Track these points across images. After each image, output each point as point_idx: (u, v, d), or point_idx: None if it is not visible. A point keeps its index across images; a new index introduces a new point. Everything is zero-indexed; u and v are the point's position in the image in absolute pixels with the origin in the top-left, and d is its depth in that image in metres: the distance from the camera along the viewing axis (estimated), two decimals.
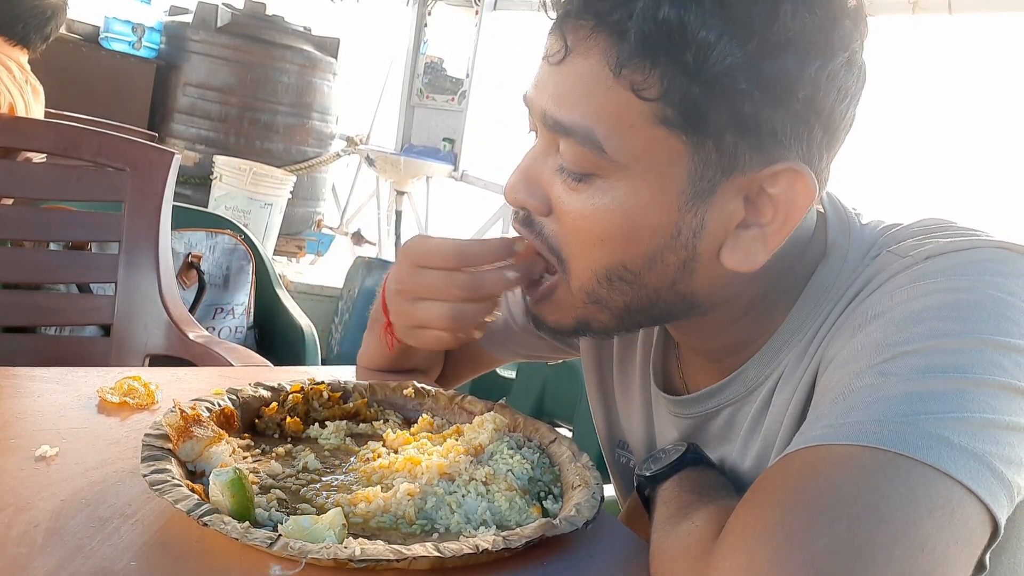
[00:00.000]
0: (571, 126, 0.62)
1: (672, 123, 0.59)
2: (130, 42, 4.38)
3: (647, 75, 0.58)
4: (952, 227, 0.66)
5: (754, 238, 0.63)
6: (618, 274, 0.65)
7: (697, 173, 0.61)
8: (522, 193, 0.68)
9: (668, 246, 0.64)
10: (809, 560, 0.48)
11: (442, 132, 5.12)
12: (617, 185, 0.62)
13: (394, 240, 4.52)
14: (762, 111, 0.58)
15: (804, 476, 0.53)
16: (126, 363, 1.60)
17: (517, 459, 0.74)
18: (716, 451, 0.76)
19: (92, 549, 0.56)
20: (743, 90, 0.57)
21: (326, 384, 0.86)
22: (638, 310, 0.68)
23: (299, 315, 2.18)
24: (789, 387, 0.68)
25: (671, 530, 0.63)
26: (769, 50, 0.57)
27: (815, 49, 0.58)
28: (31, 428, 0.74)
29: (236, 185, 4.07)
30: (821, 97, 0.59)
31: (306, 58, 4.57)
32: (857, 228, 0.71)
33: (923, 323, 0.57)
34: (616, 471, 0.95)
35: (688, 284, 0.66)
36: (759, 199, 0.63)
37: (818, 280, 0.68)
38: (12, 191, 1.64)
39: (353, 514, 0.65)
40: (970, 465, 0.50)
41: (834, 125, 0.62)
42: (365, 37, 5.97)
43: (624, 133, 0.60)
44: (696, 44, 0.56)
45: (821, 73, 0.58)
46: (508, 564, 0.62)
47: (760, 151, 0.60)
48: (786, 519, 0.50)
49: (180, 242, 2.19)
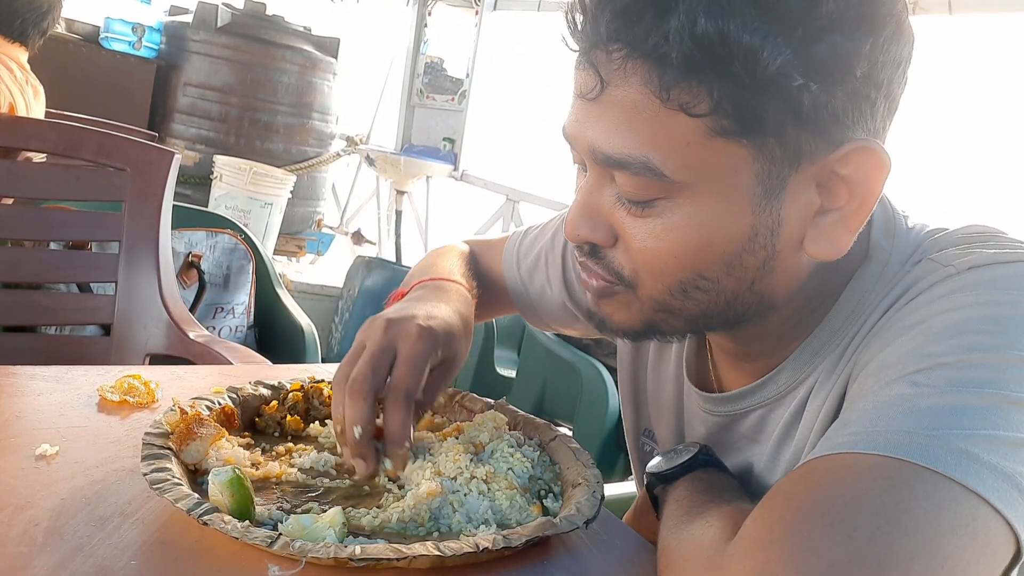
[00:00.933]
0: (624, 159, 0.60)
1: (729, 132, 0.57)
2: (130, 42, 4.38)
3: (695, 93, 0.56)
4: (998, 237, 0.64)
5: (834, 223, 0.61)
6: (694, 284, 0.63)
7: (764, 172, 0.59)
8: (585, 229, 0.65)
9: (746, 249, 0.62)
10: (826, 568, 0.47)
11: (442, 132, 5.12)
12: (685, 203, 0.60)
13: (394, 240, 4.52)
14: (820, 98, 0.56)
15: (826, 483, 0.52)
16: (126, 362, 1.59)
17: (518, 457, 0.74)
18: (744, 452, 0.75)
19: (92, 548, 0.56)
20: (799, 84, 0.55)
21: (326, 382, 0.86)
22: (713, 314, 0.66)
23: (299, 314, 2.18)
24: (823, 393, 0.67)
25: (682, 529, 0.63)
26: (817, 35, 0.55)
27: (864, 24, 0.56)
28: (31, 427, 0.74)
29: (236, 185, 4.07)
30: (879, 71, 0.57)
31: (306, 58, 4.57)
32: (903, 231, 0.68)
33: (960, 336, 0.56)
34: (638, 460, 0.94)
35: (767, 283, 0.64)
36: (832, 183, 0.60)
37: (858, 284, 0.67)
38: (12, 191, 1.64)
39: (361, 521, 0.65)
40: (998, 484, 0.49)
41: (893, 94, 0.60)
42: (365, 37, 5.97)
43: (681, 153, 0.58)
44: (743, 52, 0.54)
45: (876, 47, 0.57)
46: (508, 563, 0.62)
47: (824, 136, 0.58)
48: (805, 525, 0.49)
49: (180, 242, 2.19)
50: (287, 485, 0.70)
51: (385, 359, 0.71)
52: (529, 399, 2.48)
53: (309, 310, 2.29)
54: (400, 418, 0.70)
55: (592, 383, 2.28)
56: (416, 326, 0.73)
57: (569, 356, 2.36)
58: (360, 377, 0.69)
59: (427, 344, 0.72)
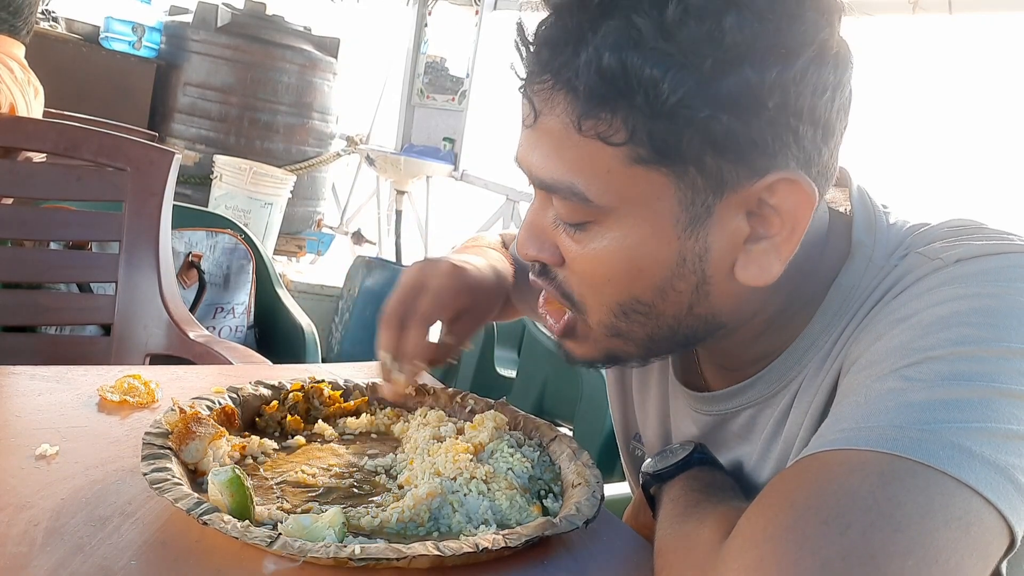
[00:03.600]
0: (553, 184, 0.62)
1: (647, 160, 0.59)
2: (130, 42, 4.37)
3: (610, 123, 0.58)
4: (983, 229, 0.64)
5: (765, 250, 0.62)
6: (632, 307, 0.65)
7: (688, 200, 0.60)
8: (532, 249, 0.68)
9: (676, 274, 0.63)
10: (820, 565, 0.47)
11: (442, 132, 5.11)
12: (612, 227, 0.62)
13: (394, 240, 4.52)
14: (734, 128, 0.57)
15: (819, 480, 0.52)
16: (126, 362, 1.60)
17: (518, 457, 0.74)
18: (735, 451, 0.75)
19: (92, 548, 0.56)
20: (707, 115, 0.56)
21: (326, 382, 0.87)
22: (661, 338, 0.67)
23: (299, 314, 2.18)
24: (811, 389, 0.67)
25: (678, 528, 0.63)
26: (723, 68, 0.55)
27: (773, 54, 0.56)
28: (31, 427, 0.74)
29: (236, 185, 4.06)
30: (794, 100, 0.57)
31: (306, 58, 4.57)
32: (884, 226, 0.69)
33: (950, 328, 0.56)
34: (631, 464, 0.95)
35: (706, 306, 0.65)
36: (762, 211, 0.61)
37: (842, 282, 0.67)
38: (12, 191, 1.64)
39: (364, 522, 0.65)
40: (991, 477, 0.49)
41: (822, 120, 0.60)
42: (365, 37, 5.96)
43: (603, 180, 0.60)
44: (643, 84, 0.56)
45: (786, 76, 0.56)
46: (508, 563, 0.62)
47: (746, 165, 0.59)
48: (799, 522, 0.49)
49: (180, 241, 2.18)
50: (287, 485, 0.70)
51: (414, 293, 0.81)
52: (529, 399, 2.48)
53: (309, 310, 2.29)
54: (413, 338, 0.79)
55: (592, 383, 2.28)
56: (448, 264, 0.82)
57: None
58: (390, 310, 0.80)
59: (454, 280, 0.81)
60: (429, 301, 0.80)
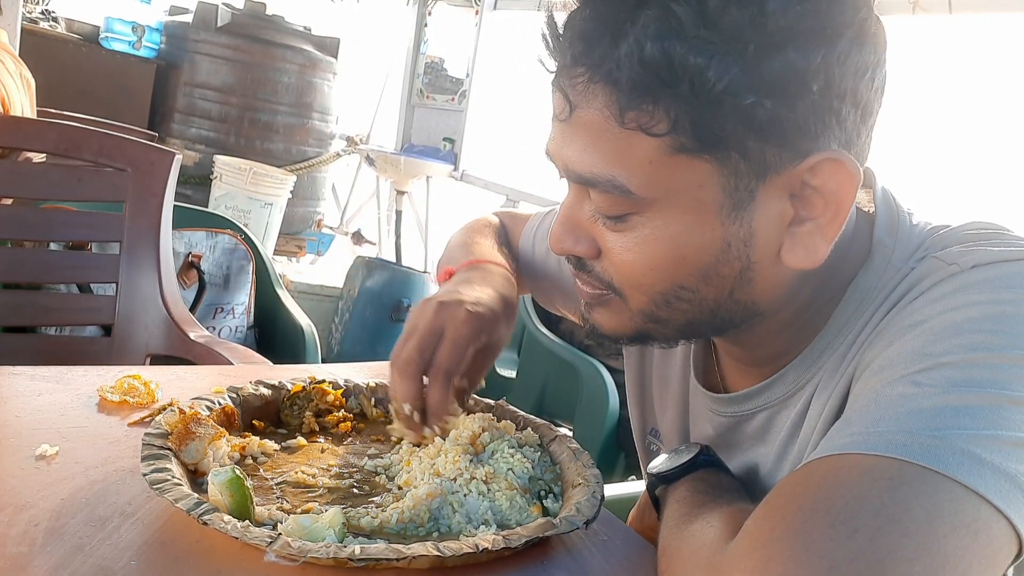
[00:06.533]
0: (592, 177, 0.62)
1: (690, 149, 0.58)
2: (130, 42, 4.37)
3: (652, 114, 0.58)
4: (1002, 234, 0.64)
5: (810, 232, 0.62)
6: (675, 294, 0.65)
7: (731, 186, 0.60)
8: (568, 242, 0.68)
9: (720, 260, 0.63)
10: (827, 568, 0.47)
11: (442, 132, 5.11)
12: (655, 217, 0.62)
13: (394, 240, 4.52)
14: (778, 112, 0.57)
15: (828, 483, 0.51)
16: (127, 363, 1.59)
17: (518, 458, 0.74)
18: (750, 453, 0.75)
19: (92, 548, 0.56)
20: (752, 101, 0.56)
21: (327, 382, 0.87)
22: (700, 322, 0.67)
23: (299, 315, 2.18)
24: (826, 392, 0.67)
25: (683, 529, 0.63)
26: (768, 53, 0.56)
27: (816, 37, 0.56)
28: (31, 427, 0.74)
29: (236, 185, 4.06)
30: (838, 81, 0.57)
31: (306, 58, 4.57)
32: (906, 227, 0.68)
33: (963, 335, 0.55)
34: (646, 459, 0.94)
35: (747, 292, 0.65)
36: (805, 193, 0.61)
37: (861, 283, 0.67)
38: (12, 191, 1.64)
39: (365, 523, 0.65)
40: (1000, 484, 0.49)
41: (862, 101, 0.60)
42: (365, 37, 5.96)
43: (646, 171, 0.60)
44: (689, 73, 0.55)
45: (830, 58, 0.57)
46: (508, 563, 0.62)
47: (789, 148, 0.59)
48: (806, 525, 0.49)
49: (180, 242, 2.18)
50: (287, 485, 0.70)
51: (432, 341, 0.76)
52: (529, 399, 2.48)
53: (309, 310, 2.29)
54: (438, 395, 0.76)
55: (592, 383, 2.28)
56: (464, 311, 0.78)
57: (569, 356, 2.36)
58: (408, 359, 0.76)
59: (472, 329, 0.77)
60: (449, 353, 0.76)
